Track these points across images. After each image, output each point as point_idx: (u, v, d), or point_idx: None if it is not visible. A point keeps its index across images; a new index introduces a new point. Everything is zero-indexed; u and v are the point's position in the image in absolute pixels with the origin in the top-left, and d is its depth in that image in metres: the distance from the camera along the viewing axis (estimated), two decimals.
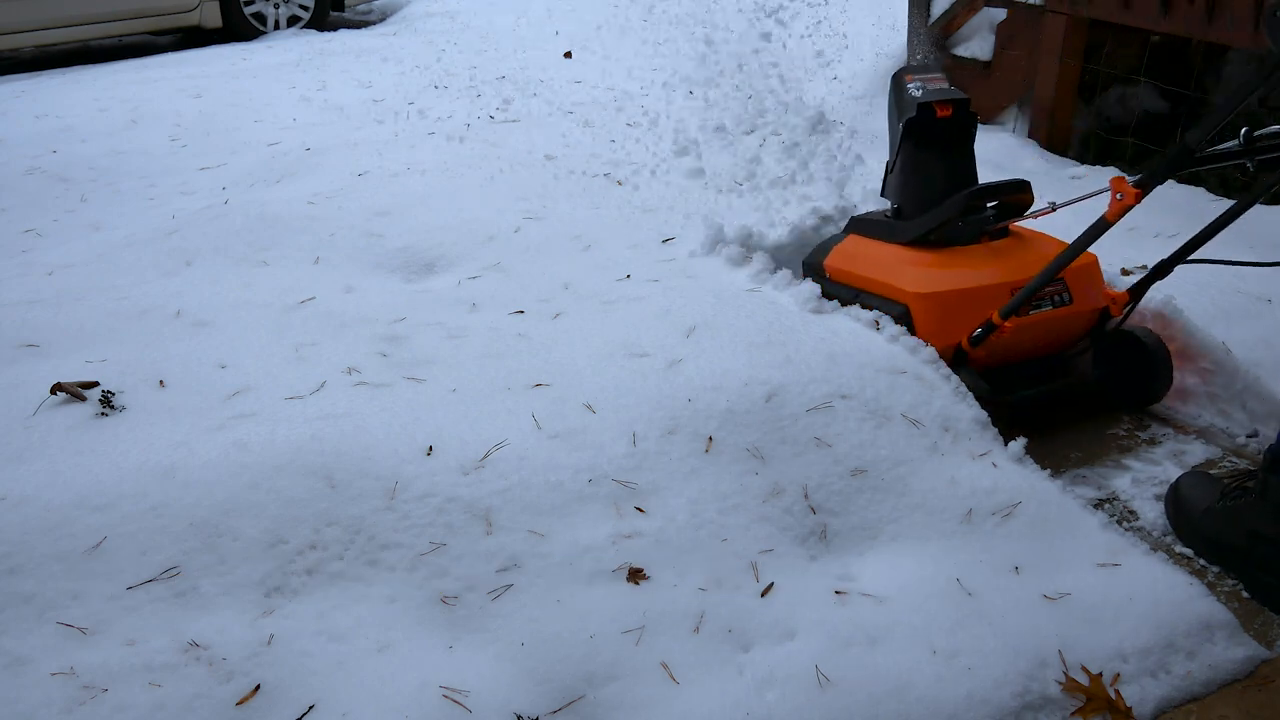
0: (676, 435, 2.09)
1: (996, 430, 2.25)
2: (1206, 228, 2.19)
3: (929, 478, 2.09)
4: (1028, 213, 2.45)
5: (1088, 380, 2.54)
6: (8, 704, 1.53)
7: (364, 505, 1.88)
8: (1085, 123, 4.06)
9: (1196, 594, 1.84)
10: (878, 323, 2.50)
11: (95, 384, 2.19)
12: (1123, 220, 2.89)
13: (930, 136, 2.51)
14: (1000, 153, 3.95)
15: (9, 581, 1.70)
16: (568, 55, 6.13)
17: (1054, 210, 2.33)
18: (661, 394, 2.18)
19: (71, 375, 2.23)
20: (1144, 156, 3.79)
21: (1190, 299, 2.52)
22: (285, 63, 6.17)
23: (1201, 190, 3.30)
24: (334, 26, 7.96)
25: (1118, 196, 2.07)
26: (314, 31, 7.62)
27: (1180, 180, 3.45)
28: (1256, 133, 2.01)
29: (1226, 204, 3.18)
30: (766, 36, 5.75)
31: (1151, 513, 2.14)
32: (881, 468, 2.09)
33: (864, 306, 2.54)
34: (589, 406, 2.16)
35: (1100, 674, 1.67)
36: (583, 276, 2.84)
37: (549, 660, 1.66)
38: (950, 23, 4.39)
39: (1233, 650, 1.74)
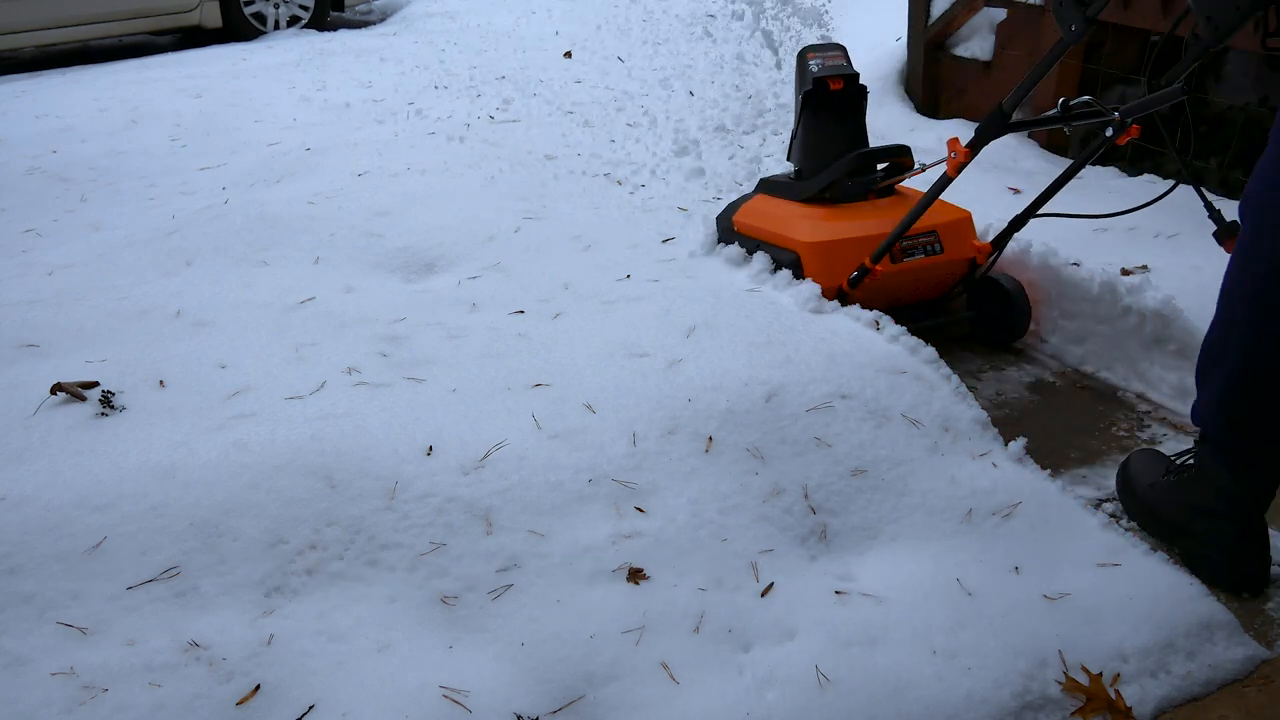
0: (676, 435, 2.09)
1: (996, 430, 2.25)
2: (1054, 182, 2.58)
3: (929, 478, 2.08)
4: (908, 174, 2.84)
5: (961, 319, 2.91)
6: (8, 704, 1.53)
7: (364, 505, 1.88)
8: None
9: (1196, 594, 1.83)
10: (878, 323, 2.50)
11: (95, 384, 2.19)
12: (1123, 220, 2.90)
13: (825, 107, 2.82)
14: (1000, 152, 3.94)
15: (9, 581, 1.70)
16: (568, 55, 6.13)
17: (923, 170, 2.75)
18: (661, 394, 2.18)
19: (71, 375, 2.23)
20: (1143, 157, 3.79)
21: (1190, 299, 2.52)
22: (285, 63, 6.16)
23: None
24: (334, 26, 7.96)
25: (952, 155, 2.42)
26: (314, 31, 7.62)
27: (1181, 181, 3.45)
28: (1071, 101, 2.36)
29: (1226, 203, 3.18)
30: (768, 35, 5.75)
31: None
32: (881, 468, 2.09)
33: (773, 258, 2.86)
34: (589, 406, 2.16)
35: (1100, 674, 1.67)
36: (583, 276, 2.84)
37: (549, 660, 1.66)
38: (950, 23, 4.38)
39: (1233, 650, 1.74)
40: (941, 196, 2.60)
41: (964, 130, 4.19)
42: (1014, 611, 1.78)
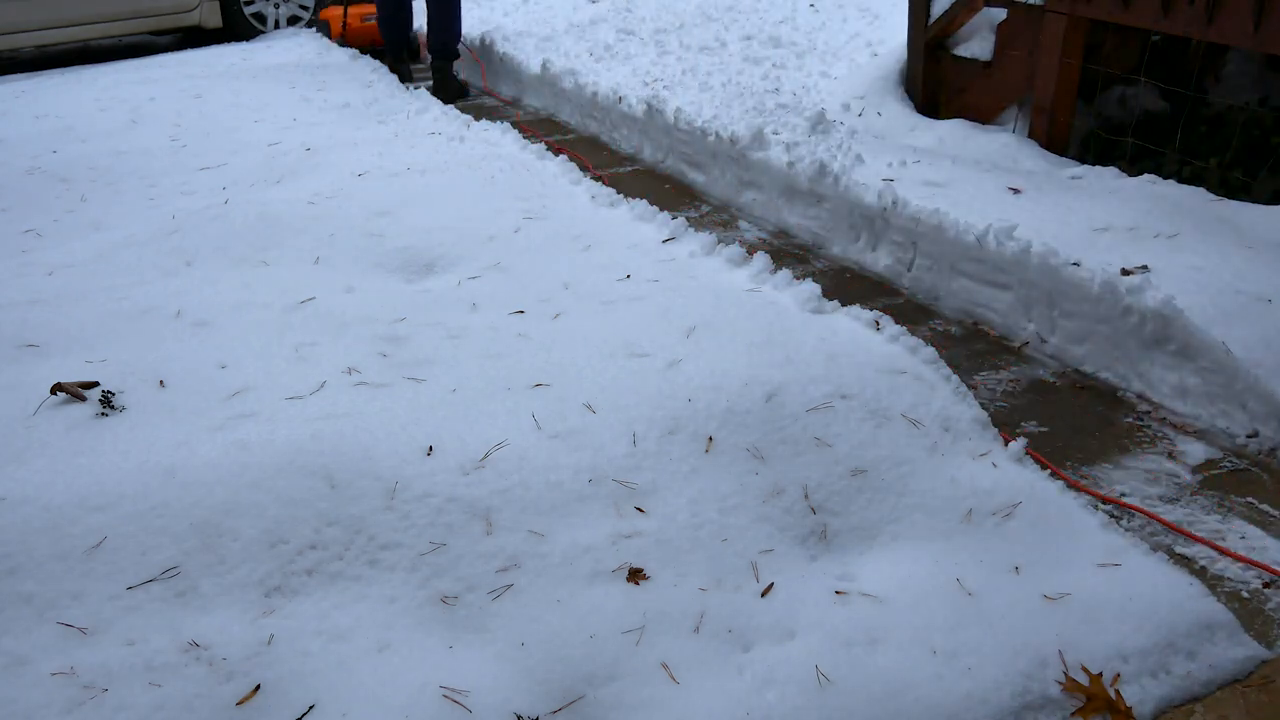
0: (676, 435, 2.09)
1: (996, 430, 2.25)
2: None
3: (929, 478, 2.09)
4: None
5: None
6: (8, 704, 1.53)
7: (364, 505, 1.88)
8: (1085, 123, 4.06)
9: (1196, 594, 1.83)
10: (878, 323, 2.51)
11: (95, 384, 2.19)
12: (1123, 219, 2.88)
13: None
14: (1000, 153, 3.94)
15: (9, 581, 1.70)
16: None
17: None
18: (661, 394, 2.18)
19: (71, 375, 2.23)
20: (1144, 156, 3.79)
21: (1190, 299, 2.52)
22: (285, 63, 6.17)
23: (1201, 190, 3.30)
24: None
25: None
26: (314, 31, 7.61)
27: (1181, 180, 3.46)
28: None
29: (1227, 204, 3.18)
30: (776, 41, 5.74)
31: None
32: (881, 468, 2.09)
33: (322, 29, 6.62)
34: (589, 406, 2.16)
35: (1100, 674, 1.67)
36: (583, 276, 2.84)
37: (549, 660, 1.66)
38: (950, 23, 4.38)
39: (1233, 650, 1.74)
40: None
41: (964, 130, 4.19)
42: (1014, 611, 1.78)
